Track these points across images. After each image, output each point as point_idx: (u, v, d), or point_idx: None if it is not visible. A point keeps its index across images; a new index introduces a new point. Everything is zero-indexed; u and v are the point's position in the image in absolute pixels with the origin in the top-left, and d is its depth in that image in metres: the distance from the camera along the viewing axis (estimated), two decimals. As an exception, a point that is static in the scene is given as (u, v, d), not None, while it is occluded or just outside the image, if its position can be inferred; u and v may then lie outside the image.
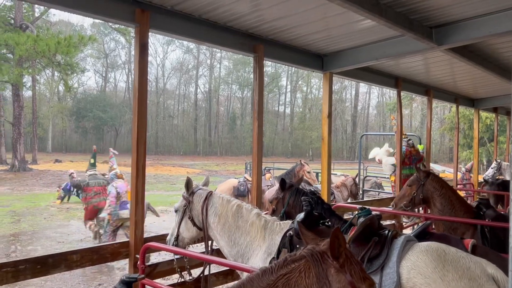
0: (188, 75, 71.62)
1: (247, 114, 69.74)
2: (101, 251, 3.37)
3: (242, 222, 3.02)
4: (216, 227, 3.12)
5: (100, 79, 71.34)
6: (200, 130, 69.48)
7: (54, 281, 6.77)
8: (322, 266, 1.49)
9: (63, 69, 25.10)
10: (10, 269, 2.86)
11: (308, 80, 65.45)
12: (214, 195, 3.27)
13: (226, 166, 39.73)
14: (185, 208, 3.32)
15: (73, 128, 63.85)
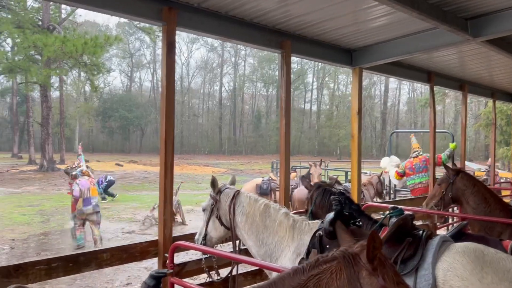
0: (212, 74, 72.16)
1: (272, 112, 69.70)
2: (131, 249, 3.44)
3: (270, 222, 3.02)
4: (244, 227, 3.14)
5: (125, 79, 72.75)
6: (225, 129, 69.91)
7: (83, 280, 6.96)
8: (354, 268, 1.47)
9: (89, 70, 25.73)
10: (43, 267, 2.96)
11: (335, 77, 64.84)
12: (241, 194, 3.28)
13: (251, 165, 39.84)
14: (212, 207, 3.35)
15: (100, 128, 65.34)
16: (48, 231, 11.07)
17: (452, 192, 4.57)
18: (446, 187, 4.60)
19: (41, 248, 9.47)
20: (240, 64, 71.06)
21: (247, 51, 68.33)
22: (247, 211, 3.14)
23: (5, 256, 8.73)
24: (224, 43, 65.68)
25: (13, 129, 50.35)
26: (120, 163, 34.76)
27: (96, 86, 30.03)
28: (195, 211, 14.37)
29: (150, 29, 29.77)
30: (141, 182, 24.65)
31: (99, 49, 22.02)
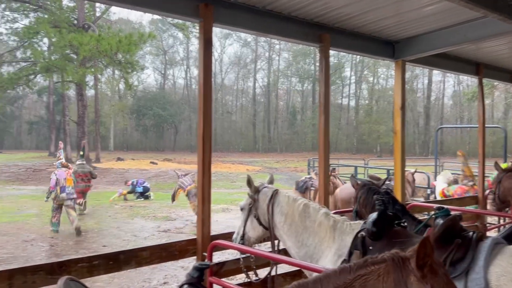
0: (246, 69, 72.47)
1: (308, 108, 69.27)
2: (170, 248, 3.53)
3: (309, 222, 3.02)
4: (283, 227, 3.15)
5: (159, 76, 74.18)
6: (259, 126, 70.09)
7: (121, 278, 7.18)
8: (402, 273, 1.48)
9: (124, 68, 26.43)
10: (85, 265, 3.09)
11: (374, 70, 63.66)
12: (280, 194, 3.29)
13: (286, 163, 39.78)
14: (250, 206, 3.37)
15: (134, 126, 66.96)
16: (85, 230, 11.47)
17: (499, 191, 4.42)
18: (495, 186, 4.46)
19: (79, 246, 9.84)
20: (274, 59, 70.98)
21: (282, 45, 68.17)
22: (286, 211, 3.15)
23: (45, 254, 9.12)
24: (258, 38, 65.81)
25: (49, 128, 52.41)
26: (155, 161, 35.52)
27: (130, 84, 30.83)
28: (230, 209, 14.52)
29: (184, 26, 30.22)
30: (176, 180, 25.07)
31: (133, 47, 22.59)
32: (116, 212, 13.74)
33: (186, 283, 2.66)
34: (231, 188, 21.38)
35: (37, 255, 9.08)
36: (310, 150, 60.12)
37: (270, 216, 3.22)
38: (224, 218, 12.57)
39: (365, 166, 20.32)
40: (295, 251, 3.07)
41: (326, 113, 4.62)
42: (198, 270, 2.48)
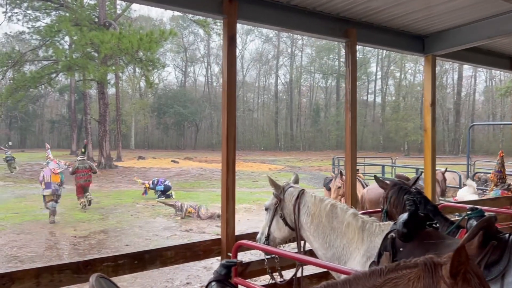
0: (267, 66, 72.41)
1: (332, 105, 68.81)
2: (194, 248, 3.57)
3: (337, 223, 3.00)
4: (309, 228, 3.14)
5: (179, 74, 74.86)
6: (281, 123, 70.00)
7: (144, 278, 7.30)
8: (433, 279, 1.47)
9: (145, 65, 26.77)
10: (111, 264, 3.16)
11: (401, 65, 62.76)
12: (306, 194, 3.29)
13: (310, 162, 39.64)
14: (276, 206, 3.37)
15: (155, 125, 67.78)
16: (107, 229, 11.70)
17: None
18: None
19: (101, 245, 10.03)
20: (297, 55, 70.75)
21: (304, 40, 67.91)
22: (313, 212, 3.14)
23: (68, 253, 9.34)
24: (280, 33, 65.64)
25: (71, 126, 53.56)
26: (176, 160, 35.90)
27: (151, 82, 31.15)
28: (253, 209, 14.56)
29: (205, 22, 30.40)
30: (197, 179, 25.31)
31: (154, 45, 22.85)
32: (138, 211, 13.94)
33: (214, 280, 2.72)
34: (253, 188, 21.44)
35: (61, 254, 9.31)
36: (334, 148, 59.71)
37: (296, 216, 3.22)
38: (246, 218, 12.61)
39: (392, 165, 20.06)
40: (322, 253, 3.06)
41: (353, 110, 4.59)
42: (225, 268, 2.55)
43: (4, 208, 14.87)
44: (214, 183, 23.23)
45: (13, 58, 27.11)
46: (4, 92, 26.89)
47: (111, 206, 15.46)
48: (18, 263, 8.44)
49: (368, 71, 64.93)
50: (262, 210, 11.85)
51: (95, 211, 14.36)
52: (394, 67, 64.62)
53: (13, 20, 31.72)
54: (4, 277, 2.79)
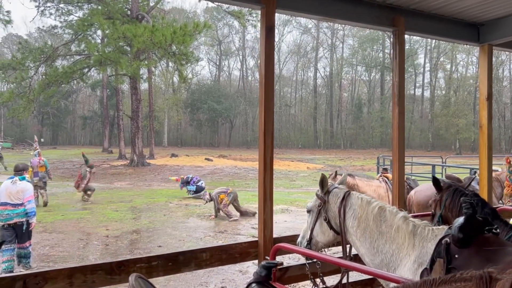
0: (306, 58, 72.09)
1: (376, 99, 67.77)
2: (230, 250, 3.58)
3: (385, 227, 2.94)
4: (356, 232, 3.08)
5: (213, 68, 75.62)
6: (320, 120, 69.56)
7: (177, 281, 7.41)
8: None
9: (178, 59, 27.13)
10: (144, 265, 3.21)
11: (452, 56, 60.99)
12: (352, 195, 3.23)
13: (351, 161, 39.18)
14: (319, 208, 3.33)
15: (188, 121, 68.77)
16: (140, 229, 11.95)
17: None
18: None
19: (134, 246, 10.25)
20: (337, 46, 70.06)
21: (346, 31, 67.11)
22: (359, 215, 3.08)
23: (99, 253, 9.59)
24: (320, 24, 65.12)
25: (103, 123, 55.07)
26: (210, 158, 36.29)
27: (185, 77, 31.60)
28: (290, 211, 14.52)
29: (240, 13, 30.51)
30: (231, 178, 25.50)
31: (188, 38, 23.11)
32: (171, 211, 14.17)
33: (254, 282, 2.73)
34: (290, 188, 21.39)
35: (92, 253, 9.57)
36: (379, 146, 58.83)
37: (342, 219, 3.17)
38: (283, 220, 12.59)
39: (443, 165, 19.52)
40: (369, 259, 3.00)
41: (400, 105, 4.48)
42: (265, 269, 2.57)
43: (36, 207, 15.46)
44: (249, 183, 23.33)
45: (45, 53, 28.06)
46: (36, 88, 27.89)
47: (144, 205, 15.78)
48: (50, 263, 8.75)
49: (415, 63, 63.49)
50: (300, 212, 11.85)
51: (127, 210, 14.70)
52: (444, 58, 62.87)
53: (46, 14, 32.81)
54: (38, 276, 2.89)
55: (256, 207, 14.78)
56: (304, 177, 25.63)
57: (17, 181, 8.43)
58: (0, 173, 25.09)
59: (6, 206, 8.14)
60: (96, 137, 69.88)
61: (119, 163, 33.25)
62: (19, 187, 8.34)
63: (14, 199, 8.19)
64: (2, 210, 8.13)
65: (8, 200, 8.16)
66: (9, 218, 8.11)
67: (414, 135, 60.38)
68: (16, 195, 8.23)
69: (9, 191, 8.26)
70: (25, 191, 8.36)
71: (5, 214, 8.10)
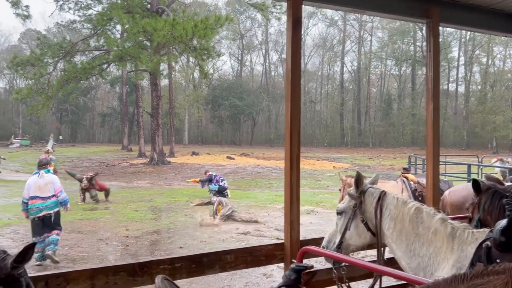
0: (332, 52, 71.62)
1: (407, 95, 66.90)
2: (255, 252, 3.58)
3: (422, 229, 2.91)
4: (392, 234, 3.05)
5: (235, 63, 75.81)
6: (347, 116, 69.05)
7: (199, 284, 7.46)
8: None
9: (199, 54, 27.27)
10: (167, 267, 3.24)
11: (488, 49, 59.73)
12: (388, 195, 3.20)
13: (380, 160, 38.80)
14: (355, 209, 3.30)
15: (209, 118, 69.14)
16: (160, 229, 12.09)
17: None
18: None
19: (154, 247, 10.37)
20: (366, 39, 69.40)
21: (375, 23, 66.45)
22: (395, 216, 3.06)
23: (119, 254, 9.73)
24: (347, 15, 64.65)
25: (122, 120, 55.84)
26: (232, 156, 36.44)
27: (206, 72, 31.72)
28: (316, 212, 14.47)
29: (263, 5, 30.51)
30: (254, 177, 25.55)
31: (210, 32, 23.22)
32: (192, 211, 14.27)
33: (284, 286, 2.75)
34: (316, 188, 21.31)
35: (112, 254, 9.73)
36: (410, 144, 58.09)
37: (378, 221, 3.15)
38: (308, 222, 12.55)
39: (479, 164, 19.14)
40: (405, 262, 2.98)
41: (435, 101, 4.41)
42: (295, 272, 2.60)
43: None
44: (273, 182, 23.34)
45: (64, 48, 28.56)
46: (55, 84, 28.40)
47: (164, 204, 15.96)
48: (69, 263, 8.92)
49: (449, 57, 62.41)
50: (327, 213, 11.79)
51: (147, 209, 14.88)
52: (480, 51, 61.60)
53: (65, 9, 33.35)
54: (59, 277, 2.94)
55: (278, 208, 14.82)
56: (330, 177, 25.49)
57: (43, 175, 9.01)
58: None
59: (36, 199, 8.74)
60: (115, 134, 70.91)
61: (138, 162, 33.68)
62: (47, 180, 8.97)
63: (44, 192, 8.80)
64: (32, 204, 8.75)
65: (38, 194, 8.75)
66: (38, 211, 8.73)
67: (448, 133, 59.39)
68: (45, 188, 8.84)
69: (37, 185, 8.84)
70: (53, 182, 9.05)
71: (35, 207, 8.73)
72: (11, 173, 29.06)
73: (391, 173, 26.31)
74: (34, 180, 8.97)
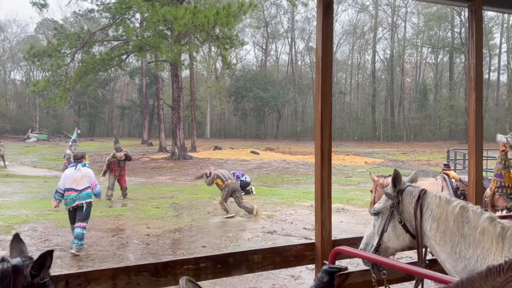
0: (363, 40, 70.94)
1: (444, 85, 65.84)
2: (284, 252, 3.56)
3: (468, 229, 2.84)
4: (434, 236, 2.99)
5: (259, 52, 75.77)
6: (379, 108, 68.37)
7: (223, 285, 7.49)
8: None
9: (222, 43, 27.34)
10: (192, 267, 3.24)
11: (534, 35, 58.21)
12: (429, 194, 3.14)
13: (416, 155, 38.31)
14: (392, 209, 3.25)
15: (232, 111, 69.34)
16: (182, 227, 12.17)
17: None
18: None
19: (176, 246, 10.46)
20: (399, 26, 68.43)
21: (409, 8, 65.47)
22: (438, 215, 2.99)
23: (140, 253, 9.85)
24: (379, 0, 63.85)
25: (142, 113, 56.47)
26: (256, 151, 36.50)
27: (229, 62, 31.79)
28: (346, 210, 14.39)
29: (289, -9, 30.39)
30: (280, 173, 25.53)
31: (232, 19, 23.20)
32: (215, 208, 14.34)
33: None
34: (346, 185, 21.18)
35: (133, 253, 9.85)
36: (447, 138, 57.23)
37: (418, 221, 3.09)
38: (338, 220, 12.48)
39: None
40: (451, 265, 2.92)
41: (478, 90, 4.30)
42: (328, 274, 2.58)
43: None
44: (300, 178, 23.29)
45: (82, 38, 28.96)
46: (73, 76, 28.84)
47: (186, 201, 16.07)
48: (89, 262, 9.06)
49: (490, 44, 61.05)
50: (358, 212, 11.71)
51: (169, 206, 15.01)
52: (525, 37, 60.09)
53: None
54: (80, 277, 2.98)
55: (306, 206, 14.78)
56: (361, 173, 25.30)
57: (80, 168, 10.02)
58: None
59: (71, 191, 9.71)
60: (135, 128, 71.80)
61: (159, 156, 34.03)
62: (83, 173, 9.96)
63: (79, 184, 9.76)
64: (67, 195, 9.73)
65: (73, 186, 9.72)
66: (72, 202, 9.73)
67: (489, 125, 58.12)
68: (81, 181, 9.81)
69: (74, 177, 9.81)
70: (89, 176, 10.06)
71: (69, 199, 9.73)
72: (28, 168, 29.77)
73: (427, 168, 25.95)
74: (71, 173, 9.90)
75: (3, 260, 1.84)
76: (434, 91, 65.63)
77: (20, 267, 1.83)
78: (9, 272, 1.79)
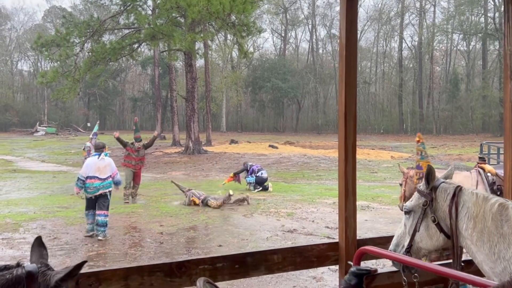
0: (389, 26, 70.31)
1: (476, 74, 65.02)
2: (306, 252, 3.54)
3: (508, 228, 2.79)
4: (471, 236, 2.95)
5: (278, 40, 75.62)
6: (407, 99, 67.82)
7: (241, 287, 7.52)
8: None
9: (238, 31, 27.30)
10: (208, 267, 3.24)
11: None
12: (465, 191, 3.09)
13: (446, 149, 37.96)
14: (425, 208, 3.21)
15: (249, 102, 69.38)
16: (197, 225, 12.23)
17: None
18: None
19: (191, 245, 10.52)
20: (428, 11, 67.70)
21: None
22: (475, 214, 2.95)
23: (153, 253, 9.92)
24: (407, -16, 63.18)
25: (155, 105, 56.76)
26: (274, 145, 36.50)
27: (245, 51, 31.77)
28: (371, 208, 14.31)
29: (310, -26, 30.18)
30: (300, 168, 25.50)
31: (249, 5, 23.16)
32: (232, 206, 14.39)
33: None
34: (371, 181, 21.06)
35: (145, 253, 9.92)
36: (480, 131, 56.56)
37: (453, 220, 3.05)
38: (363, 219, 12.42)
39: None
40: (488, 267, 2.88)
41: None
42: (356, 276, 2.59)
43: (82, 200, 16.21)
44: (322, 174, 23.22)
45: (91, 26, 29.15)
46: (82, 66, 29.08)
47: (201, 198, 16.14)
48: (100, 261, 9.16)
49: (525, 29, 60.09)
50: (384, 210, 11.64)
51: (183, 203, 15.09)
52: None
53: (92, -16, 34.12)
54: (91, 277, 3.00)
55: (328, 203, 14.75)
56: (387, 168, 25.14)
57: (103, 157, 11.00)
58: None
59: (94, 179, 10.59)
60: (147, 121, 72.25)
61: (173, 151, 34.23)
62: (106, 162, 10.96)
63: (102, 173, 10.68)
64: (90, 183, 10.59)
65: (97, 174, 10.61)
66: (95, 190, 10.62)
67: (525, 117, 57.55)
68: (104, 169, 10.75)
69: (97, 166, 10.73)
70: (111, 165, 11.04)
71: (92, 187, 10.60)
72: (37, 163, 30.16)
73: (459, 163, 25.67)
74: (95, 161, 10.84)
75: (18, 265, 1.85)
76: (465, 80, 64.80)
77: (35, 273, 1.83)
78: (23, 278, 1.79)
